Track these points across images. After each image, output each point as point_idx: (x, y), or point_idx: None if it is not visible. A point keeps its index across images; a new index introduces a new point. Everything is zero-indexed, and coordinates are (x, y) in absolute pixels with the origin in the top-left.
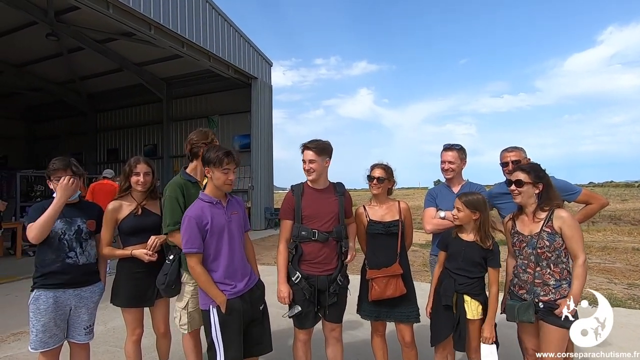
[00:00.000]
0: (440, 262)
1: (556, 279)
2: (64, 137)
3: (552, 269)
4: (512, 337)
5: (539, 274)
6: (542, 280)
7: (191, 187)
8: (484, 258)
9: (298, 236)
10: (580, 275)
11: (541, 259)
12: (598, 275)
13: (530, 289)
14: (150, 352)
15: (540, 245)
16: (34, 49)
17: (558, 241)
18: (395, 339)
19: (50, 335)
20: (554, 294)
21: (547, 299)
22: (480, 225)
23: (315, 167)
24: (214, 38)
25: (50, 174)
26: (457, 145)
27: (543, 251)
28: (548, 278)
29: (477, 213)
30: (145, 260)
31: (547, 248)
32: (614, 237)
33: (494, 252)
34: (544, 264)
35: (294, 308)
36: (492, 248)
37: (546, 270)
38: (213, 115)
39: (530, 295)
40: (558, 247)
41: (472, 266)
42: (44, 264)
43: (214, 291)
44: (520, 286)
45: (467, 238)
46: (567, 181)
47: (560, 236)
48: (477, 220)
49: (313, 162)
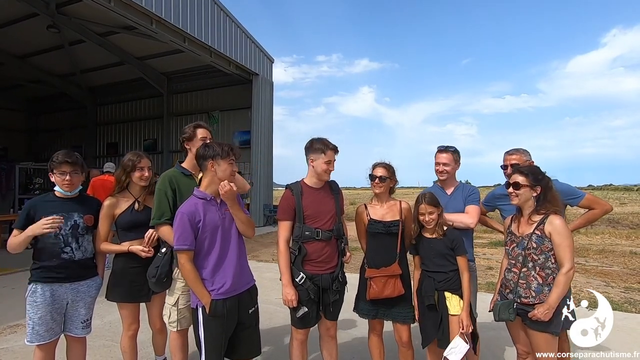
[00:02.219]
0: (416, 265)
1: (539, 282)
2: (64, 130)
3: (537, 272)
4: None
5: (524, 274)
6: (526, 281)
7: (183, 179)
8: (451, 248)
9: (301, 236)
10: (560, 283)
11: (527, 260)
12: (595, 279)
13: (514, 288)
14: (146, 347)
15: (529, 246)
16: (35, 40)
17: (546, 245)
18: (392, 338)
19: (47, 328)
20: (534, 297)
21: (526, 301)
22: (439, 218)
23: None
24: (215, 33)
25: (54, 167)
26: (451, 147)
27: (530, 252)
28: (531, 280)
29: (439, 207)
30: (142, 256)
31: (534, 250)
32: (611, 241)
33: (457, 240)
34: (530, 266)
35: (300, 309)
36: (452, 237)
37: (531, 272)
38: (214, 111)
39: (513, 294)
40: (545, 251)
41: (444, 259)
42: (40, 258)
43: (200, 290)
44: (506, 285)
45: (431, 235)
46: (570, 185)
47: (549, 240)
48: (440, 213)
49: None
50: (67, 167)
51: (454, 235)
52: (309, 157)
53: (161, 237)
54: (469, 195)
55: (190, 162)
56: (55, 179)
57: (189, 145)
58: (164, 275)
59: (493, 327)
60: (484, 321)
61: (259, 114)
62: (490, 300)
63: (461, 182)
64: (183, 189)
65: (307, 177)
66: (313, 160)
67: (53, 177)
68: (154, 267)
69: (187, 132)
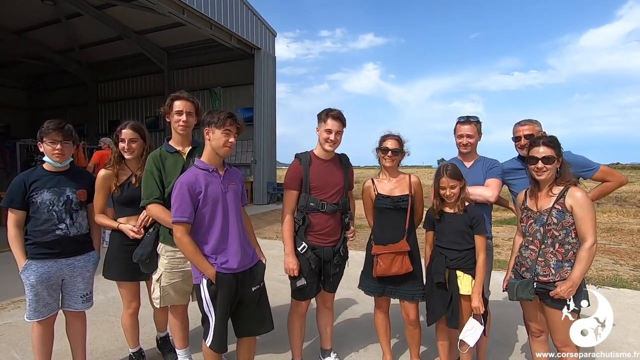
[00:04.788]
0: (429, 242)
1: (558, 259)
2: (66, 107)
3: (557, 248)
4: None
5: (542, 252)
6: (545, 259)
7: (168, 157)
8: (470, 226)
9: (306, 207)
10: (583, 259)
11: (547, 236)
12: (603, 257)
13: (532, 266)
14: (151, 323)
15: (549, 222)
16: (31, 15)
17: (567, 219)
18: (398, 315)
19: (44, 304)
20: (553, 275)
21: (545, 279)
22: (461, 193)
23: (339, 139)
24: (215, 5)
25: (44, 135)
26: (474, 118)
27: (550, 229)
28: (550, 257)
29: (462, 181)
30: (130, 236)
31: (554, 226)
32: (619, 219)
33: (478, 218)
34: (549, 242)
35: (300, 280)
36: (473, 214)
37: (549, 249)
38: (215, 87)
39: (530, 273)
40: (567, 226)
41: (460, 237)
42: (34, 235)
43: (202, 264)
44: (522, 264)
45: (451, 210)
46: (584, 157)
47: (570, 214)
48: (462, 187)
49: (339, 134)
50: (58, 136)
51: (475, 212)
52: (317, 127)
53: (152, 217)
54: (490, 169)
55: (175, 138)
56: (45, 148)
57: (168, 119)
58: (146, 257)
59: (499, 305)
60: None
61: (262, 89)
62: (503, 279)
63: (482, 156)
64: (167, 167)
65: (316, 147)
66: (318, 129)
67: (42, 146)
68: (139, 247)
69: (166, 105)
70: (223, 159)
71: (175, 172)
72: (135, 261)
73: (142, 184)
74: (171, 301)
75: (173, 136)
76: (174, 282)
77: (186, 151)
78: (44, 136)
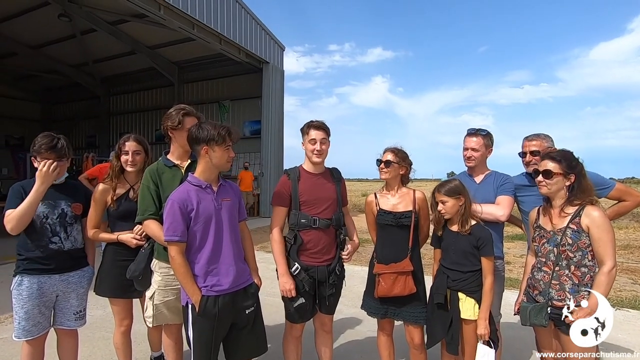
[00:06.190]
0: (435, 260)
1: (574, 282)
2: (78, 119)
3: (572, 271)
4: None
5: (557, 274)
6: (559, 282)
7: (166, 171)
8: (475, 247)
9: (297, 224)
10: (601, 284)
11: (561, 258)
12: (622, 276)
13: (545, 290)
14: (145, 341)
15: (563, 242)
16: (47, 30)
17: (584, 240)
18: (403, 337)
19: (34, 323)
20: (569, 300)
21: (560, 304)
22: (464, 211)
23: (326, 149)
24: (225, 20)
25: (36, 155)
26: (482, 131)
27: (564, 249)
28: (565, 280)
29: (461, 198)
30: (132, 244)
31: (569, 247)
32: (636, 235)
33: (484, 240)
34: (564, 264)
35: (298, 299)
36: (478, 235)
37: (564, 272)
38: (224, 100)
39: (544, 297)
40: (583, 247)
41: (464, 258)
42: (27, 249)
43: (190, 287)
44: (534, 286)
45: (455, 229)
46: (598, 174)
47: (587, 235)
48: (462, 205)
49: (324, 143)
50: (51, 156)
51: (481, 233)
52: (302, 142)
53: (149, 234)
54: (501, 185)
55: (175, 152)
56: (37, 165)
57: (173, 134)
58: (139, 273)
59: (511, 327)
60: (502, 320)
61: (270, 103)
62: (515, 301)
63: (493, 171)
64: (165, 182)
65: (304, 162)
66: (303, 143)
67: (36, 163)
68: (133, 263)
69: (174, 118)
70: (219, 173)
71: (173, 187)
72: (129, 277)
73: (139, 197)
74: (164, 320)
75: (174, 150)
76: (167, 300)
77: (185, 165)
78: (37, 155)
